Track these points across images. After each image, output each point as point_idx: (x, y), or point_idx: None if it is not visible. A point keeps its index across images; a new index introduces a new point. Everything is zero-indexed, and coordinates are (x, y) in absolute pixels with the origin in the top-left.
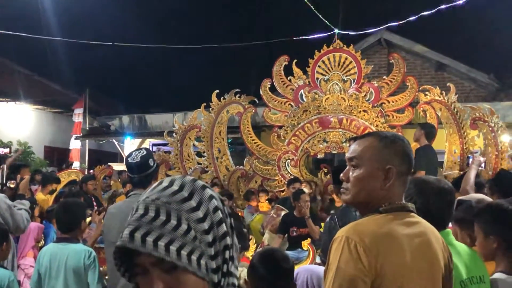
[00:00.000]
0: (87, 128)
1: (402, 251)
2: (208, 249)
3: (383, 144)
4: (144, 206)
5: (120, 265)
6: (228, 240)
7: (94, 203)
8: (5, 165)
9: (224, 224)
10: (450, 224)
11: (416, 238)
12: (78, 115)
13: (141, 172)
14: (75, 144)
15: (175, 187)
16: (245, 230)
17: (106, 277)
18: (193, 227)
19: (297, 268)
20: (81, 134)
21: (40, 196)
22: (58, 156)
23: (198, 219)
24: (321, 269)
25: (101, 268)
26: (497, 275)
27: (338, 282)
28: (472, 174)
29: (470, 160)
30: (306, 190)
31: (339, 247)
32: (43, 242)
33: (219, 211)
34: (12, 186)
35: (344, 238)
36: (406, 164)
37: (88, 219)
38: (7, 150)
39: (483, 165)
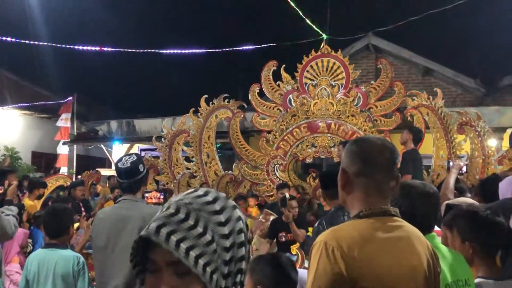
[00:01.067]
0: (75, 134)
1: (381, 256)
2: (223, 267)
3: (345, 147)
4: (176, 207)
5: (134, 256)
6: (244, 264)
7: (82, 209)
8: None
9: (243, 248)
10: (436, 228)
11: (397, 242)
12: (65, 120)
13: (131, 178)
14: (62, 150)
15: (209, 198)
16: None
17: (94, 283)
18: (216, 240)
19: None
20: (69, 140)
21: (27, 201)
22: (45, 161)
23: (222, 235)
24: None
25: (89, 274)
26: (479, 280)
27: (316, 287)
28: (451, 179)
29: (451, 164)
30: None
31: (318, 252)
32: (31, 247)
33: (243, 234)
34: None
35: (323, 243)
36: (357, 165)
37: (76, 225)
38: None
39: (464, 169)
